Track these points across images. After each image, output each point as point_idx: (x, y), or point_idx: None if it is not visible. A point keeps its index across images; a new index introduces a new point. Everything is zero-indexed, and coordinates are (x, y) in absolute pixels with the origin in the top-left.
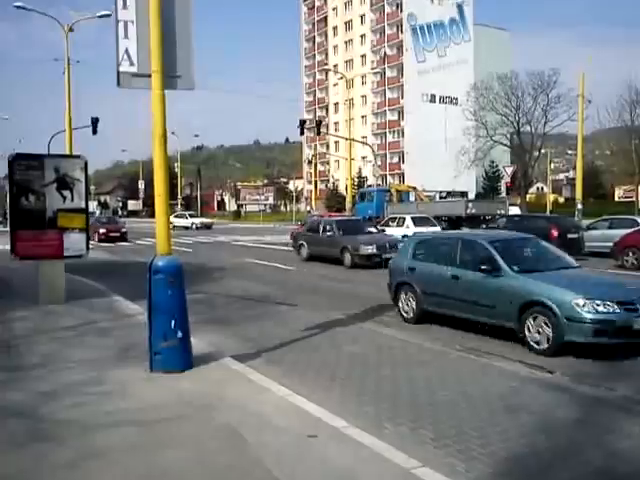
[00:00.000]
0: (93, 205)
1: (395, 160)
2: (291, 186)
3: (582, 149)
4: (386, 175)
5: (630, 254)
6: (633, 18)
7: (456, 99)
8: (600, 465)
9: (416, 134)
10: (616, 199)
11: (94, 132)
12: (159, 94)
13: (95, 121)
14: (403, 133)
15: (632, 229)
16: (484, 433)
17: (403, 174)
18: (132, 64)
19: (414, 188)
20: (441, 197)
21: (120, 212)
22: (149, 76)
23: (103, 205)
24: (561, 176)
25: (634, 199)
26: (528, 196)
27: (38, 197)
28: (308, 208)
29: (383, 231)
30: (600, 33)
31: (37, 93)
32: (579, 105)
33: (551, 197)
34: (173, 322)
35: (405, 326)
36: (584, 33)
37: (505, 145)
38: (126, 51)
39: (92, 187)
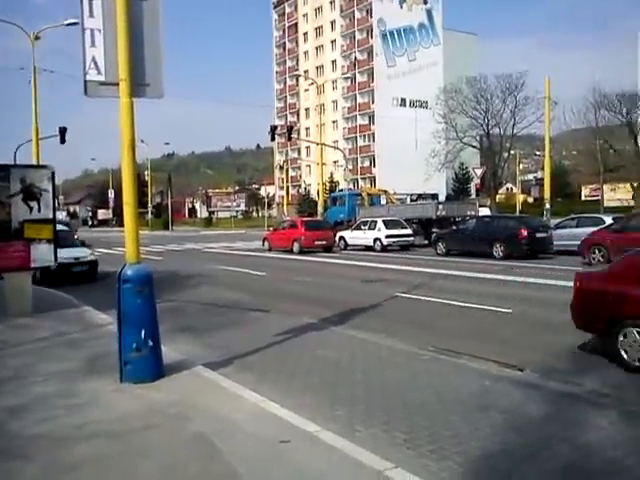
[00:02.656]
0: (62, 215)
1: (366, 164)
2: (263, 192)
3: (549, 150)
4: (358, 179)
5: (596, 251)
6: (595, 23)
7: (426, 102)
8: (569, 459)
9: (387, 138)
10: (583, 198)
11: (62, 141)
12: (127, 102)
13: (63, 130)
14: (374, 137)
15: (598, 227)
16: (456, 432)
17: (374, 178)
18: (99, 72)
19: (385, 191)
20: (412, 200)
21: (90, 222)
22: (117, 84)
23: (72, 215)
24: (530, 176)
25: (600, 198)
26: (498, 197)
27: (3, 208)
28: (281, 215)
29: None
30: (563, 38)
31: (1, 102)
32: (545, 107)
33: (520, 197)
34: (143, 331)
35: (378, 329)
36: (548, 38)
37: (475, 147)
38: (93, 59)
39: (60, 197)
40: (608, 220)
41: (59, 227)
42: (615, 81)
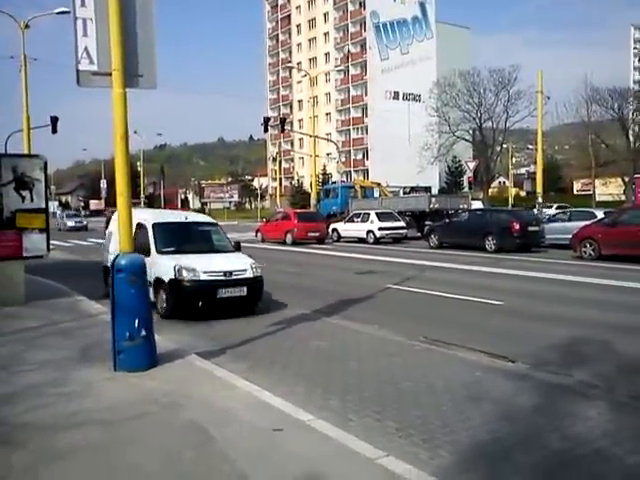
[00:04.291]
0: (54, 205)
1: (359, 156)
2: (256, 183)
3: (542, 144)
4: (350, 171)
5: (587, 245)
6: (586, 18)
7: (419, 96)
8: (559, 448)
9: (380, 131)
10: (575, 192)
11: (54, 131)
12: (120, 93)
13: (55, 120)
14: (367, 130)
15: (590, 221)
16: (447, 422)
17: (367, 170)
18: (92, 62)
19: (378, 184)
20: (405, 192)
21: (82, 212)
22: (110, 75)
23: (64, 205)
24: (522, 170)
25: (592, 192)
26: (490, 190)
27: None
28: (275, 207)
29: None
30: (555, 33)
31: None
32: (538, 101)
33: (513, 191)
34: (137, 320)
35: (370, 320)
36: (540, 33)
37: (467, 141)
38: (85, 49)
39: (52, 187)
40: (600, 214)
41: (197, 218)
42: (607, 76)
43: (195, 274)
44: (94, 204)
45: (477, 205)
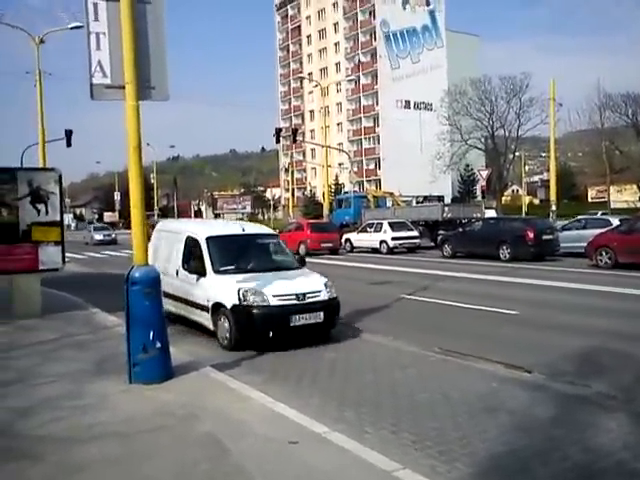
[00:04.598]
0: (69, 218)
1: (371, 166)
2: (268, 194)
3: (555, 151)
4: (363, 181)
5: (603, 253)
6: (598, 24)
7: (430, 104)
8: (578, 461)
9: (392, 140)
10: (589, 200)
11: (68, 144)
12: (133, 105)
13: (69, 133)
14: (379, 139)
15: (605, 229)
16: (464, 434)
17: (380, 180)
18: (105, 76)
19: (391, 193)
20: (418, 202)
21: (95, 224)
22: (123, 87)
23: (79, 218)
24: (535, 178)
25: (606, 199)
26: (503, 199)
27: (11, 210)
28: (287, 217)
29: None
30: (566, 40)
31: (7, 106)
32: (550, 108)
33: (526, 199)
34: (151, 333)
35: (385, 331)
36: (551, 40)
37: (480, 149)
38: (99, 63)
39: (67, 200)
40: (615, 222)
41: (255, 229)
42: (620, 82)
43: (264, 298)
44: (108, 216)
45: (490, 214)
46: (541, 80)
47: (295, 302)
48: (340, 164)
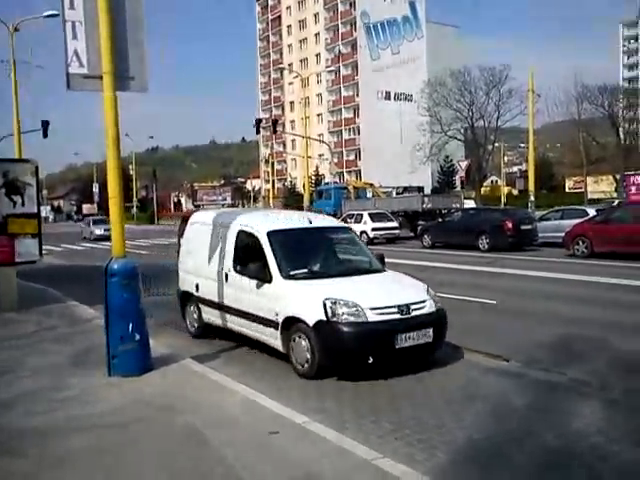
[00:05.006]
0: (46, 210)
1: (352, 157)
2: (248, 185)
3: (533, 142)
4: (343, 172)
5: (580, 243)
6: (576, 17)
7: (410, 96)
8: (553, 445)
9: (372, 131)
10: (567, 190)
11: (44, 135)
12: (111, 96)
13: (46, 124)
14: (359, 130)
15: (582, 219)
16: (442, 422)
17: (360, 171)
18: (82, 65)
19: (371, 184)
20: (398, 193)
21: (75, 216)
22: (100, 78)
23: (56, 210)
24: (514, 169)
25: (583, 190)
26: (483, 189)
27: None
28: (267, 208)
29: None
30: (544, 31)
31: None
32: (529, 100)
33: (505, 190)
34: (130, 325)
35: None
36: (530, 31)
37: (459, 140)
38: (75, 52)
39: (44, 191)
40: (592, 212)
41: (323, 222)
42: (597, 73)
43: (359, 312)
44: (87, 208)
45: (470, 204)
46: (520, 72)
47: (399, 316)
48: (320, 155)
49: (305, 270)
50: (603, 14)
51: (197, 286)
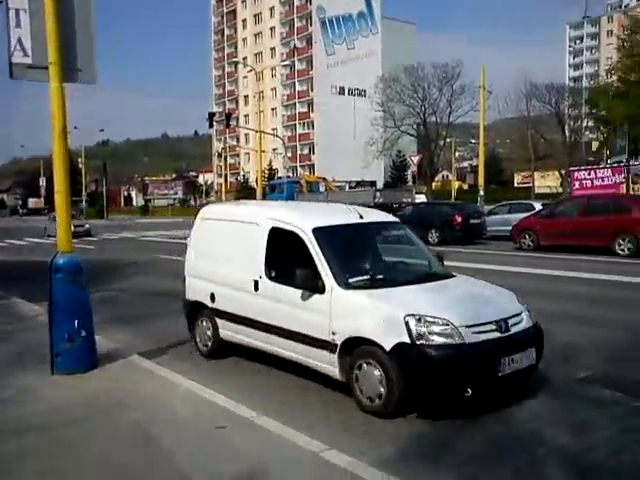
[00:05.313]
0: None
1: (305, 151)
2: (201, 179)
3: (484, 138)
4: (297, 166)
5: (526, 236)
6: (529, 17)
7: (364, 91)
8: (494, 431)
9: (326, 126)
10: (515, 185)
11: None
12: (57, 87)
13: None
14: (313, 125)
15: (528, 213)
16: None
17: (313, 165)
18: (26, 55)
19: (324, 179)
20: (350, 187)
21: (20, 210)
22: (46, 68)
23: (0, 204)
24: (465, 164)
25: (531, 185)
26: (434, 184)
27: None
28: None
29: None
30: (497, 31)
31: None
32: (480, 96)
33: (456, 184)
34: (76, 321)
35: None
36: (482, 30)
37: (412, 135)
38: (19, 41)
39: None
40: (538, 206)
41: (375, 217)
42: (547, 72)
43: (452, 331)
44: (33, 202)
45: (421, 199)
46: (473, 69)
47: (498, 335)
48: (274, 149)
49: (366, 277)
50: (554, 15)
51: (212, 296)
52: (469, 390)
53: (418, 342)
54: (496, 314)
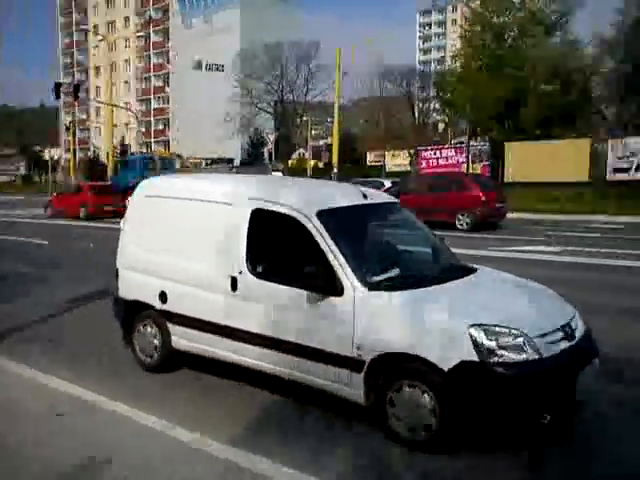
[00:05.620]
0: None
1: (160, 127)
2: (47, 155)
3: (339, 117)
4: (151, 142)
5: None
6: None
7: (222, 66)
8: None
9: (182, 100)
10: (368, 163)
11: None
12: None
13: None
14: (169, 100)
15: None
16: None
17: (168, 141)
18: None
19: (179, 155)
20: (207, 164)
21: None
22: None
23: None
24: (321, 142)
25: (382, 163)
26: (290, 161)
27: None
28: (68, 180)
29: None
30: (363, 12)
31: None
32: (336, 76)
33: (312, 162)
34: None
35: None
36: (353, 11)
37: (269, 113)
38: None
39: None
40: (388, 184)
41: (377, 197)
42: (401, 56)
43: (527, 344)
44: None
45: (277, 176)
46: (334, 48)
47: (568, 344)
48: (127, 124)
49: (394, 274)
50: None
51: (163, 295)
52: (547, 416)
53: (489, 360)
54: (561, 319)
